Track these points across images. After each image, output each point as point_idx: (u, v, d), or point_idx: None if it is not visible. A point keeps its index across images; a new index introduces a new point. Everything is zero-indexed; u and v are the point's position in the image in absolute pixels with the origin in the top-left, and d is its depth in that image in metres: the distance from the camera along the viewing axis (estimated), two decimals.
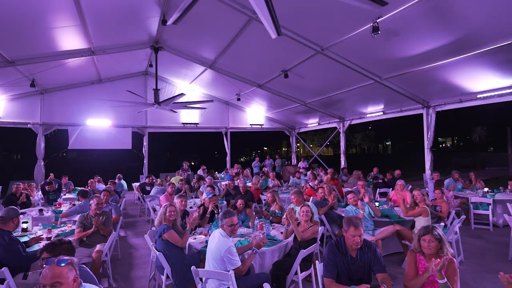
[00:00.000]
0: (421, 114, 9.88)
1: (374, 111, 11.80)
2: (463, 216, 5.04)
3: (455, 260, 2.57)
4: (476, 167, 24.10)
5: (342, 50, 7.42)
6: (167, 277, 3.43)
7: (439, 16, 5.50)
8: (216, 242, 3.10)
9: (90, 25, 7.16)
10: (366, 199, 4.81)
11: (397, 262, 4.84)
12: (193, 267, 2.95)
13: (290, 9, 5.94)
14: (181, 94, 8.50)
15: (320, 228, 4.14)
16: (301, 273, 3.42)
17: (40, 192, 8.41)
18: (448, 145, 57.24)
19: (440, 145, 55.07)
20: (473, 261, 4.91)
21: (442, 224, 4.84)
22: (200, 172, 12.00)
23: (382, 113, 11.48)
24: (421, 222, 4.63)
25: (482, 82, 7.62)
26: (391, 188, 7.95)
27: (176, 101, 8.87)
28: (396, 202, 6.04)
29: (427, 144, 9.68)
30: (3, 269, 2.91)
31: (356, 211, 4.68)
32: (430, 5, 5.16)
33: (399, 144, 55.41)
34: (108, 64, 10.55)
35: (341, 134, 13.72)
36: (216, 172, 12.71)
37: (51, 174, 9.93)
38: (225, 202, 6.64)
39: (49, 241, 2.58)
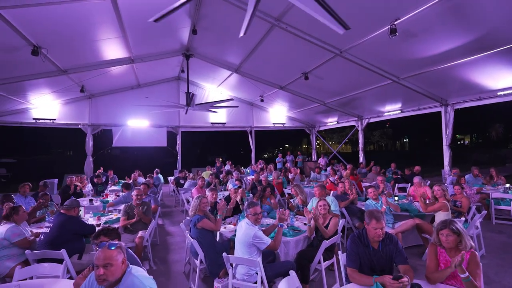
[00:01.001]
0: (439, 112, 9.40)
1: (391, 110, 11.35)
2: (484, 211, 4.72)
3: (477, 253, 2.41)
4: (496, 164, 22.52)
5: (360, 52, 7.18)
6: (201, 261, 3.50)
7: (457, 16, 5.17)
8: (243, 231, 3.13)
9: (130, 37, 7.41)
10: (383, 199, 4.61)
11: (416, 254, 4.64)
12: (224, 254, 2.99)
13: (310, 15, 5.82)
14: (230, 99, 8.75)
15: (341, 220, 4.06)
16: (324, 262, 3.36)
17: (90, 184, 8.85)
18: (466, 142, 53.99)
19: (458, 142, 52.05)
20: (495, 255, 4.60)
21: (463, 219, 4.58)
22: (227, 167, 12.15)
23: (399, 111, 11.02)
24: (441, 217, 4.40)
25: (502, 80, 7.10)
26: (409, 184, 7.63)
27: (214, 105, 9.03)
28: (415, 197, 5.79)
29: (445, 141, 9.18)
30: (61, 250, 3.10)
31: (376, 206, 4.53)
32: (448, 5, 4.86)
33: (416, 141, 52.97)
34: (146, 71, 10.90)
35: (359, 132, 13.32)
36: (242, 168, 12.80)
37: (100, 168, 10.46)
38: (251, 195, 6.66)
39: (101, 228, 2.72)
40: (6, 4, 4.73)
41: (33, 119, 11.56)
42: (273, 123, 15.63)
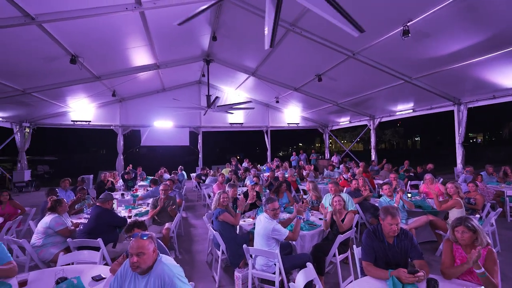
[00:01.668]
0: (452, 111, 8.98)
1: (403, 109, 10.96)
2: (500, 209, 4.47)
3: (494, 250, 2.28)
4: (510, 162, 21.21)
5: (372, 54, 6.99)
6: (222, 252, 3.54)
7: (471, 15, 4.90)
8: (262, 225, 3.12)
9: (156, 45, 7.59)
10: (397, 197, 4.46)
11: (430, 250, 4.46)
12: (244, 246, 3.01)
13: (324, 19, 5.72)
14: (248, 102, 8.86)
15: (355, 216, 3.97)
16: (338, 255, 3.30)
17: (121, 180, 9.15)
18: (479, 140, 51.27)
19: (471, 140, 49.52)
20: (511, 252, 4.35)
21: (478, 216, 4.35)
22: (245, 164, 12.19)
23: (411, 110, 10.63)
24: (454, 214, 4.21)
25: None
26: (422, 181, 7.34)
27: (233, 106, 9.11)
28: (428, 194, 5.56)
29: (458, 139, 8.78)
30: (98, 239, 3.22)
31: (390, 203, 4.40)
32: (462, 5, 4.63)
33: (427, 140, 50.90)
34: (170, 75, 11.14)
35: (371, 131, 12.97)
36: (259, 165, 12.80)
37: (130, 165, 10.77)
38: (268, 191, 6.65)
39: (133, 221, 2.81)
40: (49, 18, 4.96)
41: (72, 121, 12.12)
42: (288, 123, 15.54)
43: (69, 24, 5.38)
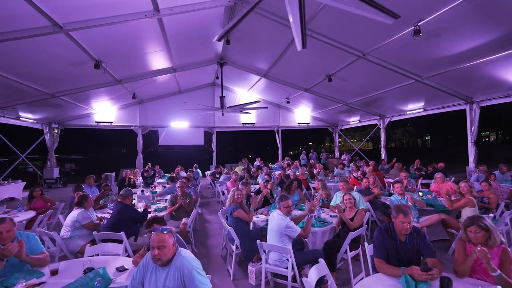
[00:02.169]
0: (463, 110, 8.63)
1: (414, 108, 10.63)
2: None
3: (509, 249, 2.17)
4: None
5: (383, 54, 6.81)
6: (237, 247, 3.56)
7: (483, 13, 4.68)
8: (275, 221, 3.11)
9: (172, 49, 7.70)
10: (409, 196, 4.34)
11: (442, 248, 4.31)
12: (258, 241, 3.01)
13: (334, 20, 5.63)
14: (257, 101, 8.88)
15: (366, 214, 3.90)
16: (350, 252, 3.25)
17: (141, 177, 9.36)
18: (492, 139, 49.09)
19: (484, 139, 47.45)
20: None
21: (491, 215, 4.17)
22: (257, 163, 12.20)
23: (422, 110, 10.29)
24: (467, 213, 4.05)
25: None
26: (433, 180, 7.11)
27: (244, 107, 9.13)
28: (439, 193, 5.38)
29: (470, 138, 8.42)
30: (121, 232, 3.32)
31: (401, 201, 4.28)
32: (474, 4, 4.43)
33: (438, 139, 49.18)
34: (185, 78, 11.28)
35: (381, 130, 12.67)
36: (270, 163, 12.79)
37: (149, 163, 11.00)
38: (279, 188, 6.63)
39: (153, 217, 2.87)
40: (75, 26, 5.13)
41: (95, 122, 12.50)
42: (298, 123, 15.41)
43: (93, 32, 5.54)
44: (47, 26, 4.95)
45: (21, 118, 10.20)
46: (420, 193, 5.09)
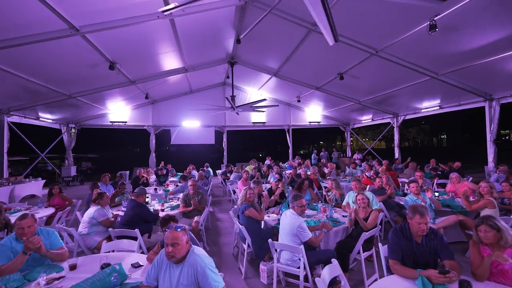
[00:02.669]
0: (482, 107, 8.30)
1: (429, 106, 10.30)
2: None
3: None
4: None
5: (396, 51, 6.64)
6: (248, 245, 3.56)
7: (504, 6, 4.47)
8: (288, 220, 3.10)
9: (184, 49, 7.80)
10: (428, 194, 4.22)
11: (459, 251, 4.16)
12: (270, 240, 3.00)
13: (346, 16, 5.53)
14: (263, 99, 8.93)
15: (380, 213, 3.82)
16: (363, 252, 3.19)
17: (154, 176, 9.53)
18: None
19: (504, 138, 45.43)
20: None
21: None
22: (267, 162, 12.17)
23: (438, 107, 9.97)
24: (487, 214, 3.88)
25: None
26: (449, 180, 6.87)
27: (253, 105, 9.14)
28: (456, 193, 5.19)
29: (489, 136, 8.09)
30: (135, 230, 3.39)
31: (416, 201, 4.16)
32: None
33: (455, 137, 47.44)
34: (197, 78, 11.40)
35: (394, 129, 12.37)
36: (281, 163, 12.72)
37: (162, 162, 11.18)
38: (290, 188, 6.59)
39: (168, 216, 2.92)
40: (91, 29, 5.28)
41: (110, 122, 12.84)
42: (309, 122, 15.28)
43: (108, 34, 5.68)
44: (65, 29, 5.11)
45: (40, 119, 10.60)
46: (436, 193, 4.94)
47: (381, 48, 6.61)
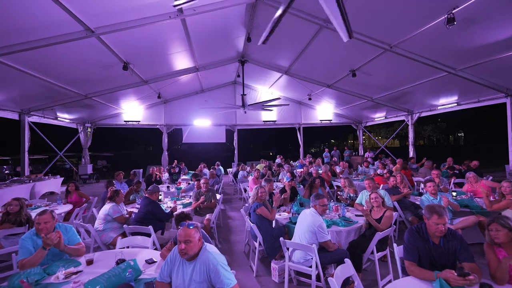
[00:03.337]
0: (503, 103, 7.92)
1: (446, 103, 9.93)
2: None
3: None
4: None
5: (412, 46, 6.41)
6: (259, 244, 3.56)
7: None
8: (309, 218, 3.05)
9: (195, 49, 7.85)
10: (444, 201, 4.03)
11: (478, 253, 3.99)
12: (281, 239, 2.99)
13: (359, 11, 5.39)
14: (277, 98, 8.89)
15: (394, 213, 3.72)
16: (377, 253, 3.12)
17: (167, 174, 9.68)
18: None
19: None
20: None
21: None
22: (278, 160, 12.13)
23: (455, 104, 9.59)
24: (508, 215, 3.70)
25: None
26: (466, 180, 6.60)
27: (265, 104, 9.11)
28: (476, 193, 4.98)
29: (511, 135, 7.71)
30: (149, 226, 3.45)
31: (433, 201, 4.02)
32: None
33: (473, 135, 45.55)
34: (208, 77, 11.47)
35: (409, 127, 12.01)
36: (291, 161, 12.66)
37: (175, 161, 11.34)
38: (302, 186, 6.54)
39: (184, 214, 2.97)
40: (105, 30, 5.40)
41: (124, 121, 13.14)
42: (320, 120, 15.09)
43: (121, 35, 5.79)
44: (80, 31, 5.26)
45: (58, 118, 10.98)
46: (454, 193, 4.76)
47: (395, 43, 6.42)
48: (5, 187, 7.19)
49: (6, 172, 12.54)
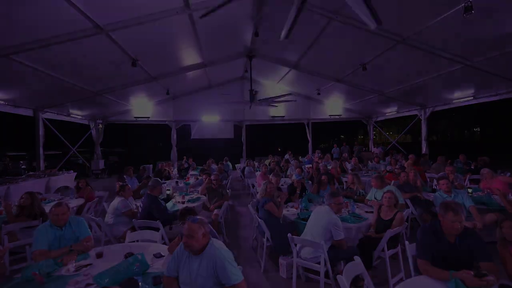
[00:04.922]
0: None
1: (462, 97, 9.52)
2: None
3: None
4: None
5: (425, 37, 6.13)
6: (267, 239, 3.53)
7: None
8: (324, 215, 3.00)
9: (203, 45, 7.81)
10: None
11: (496, 252, 3.83)
12: (289, 235, 2.95)
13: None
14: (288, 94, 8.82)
15: (405, 211, 3.62)
16: (387, 250, 3.04)
17: (176, 169, 9.77)
18: None
19: None
20: None
21: None
22: (286, 156, 12.05)
23: (472, 97, 9.19)
24: None
25: None
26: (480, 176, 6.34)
27: (275, 100, 9.03)
28: (492, 190, 4.76)
29: None
30: (157, 221, 3.48)
31: (446, 199, 3.88)
32: None
33: (490, 130, 43.79)
34: (215, 73, 11.43)
35: (422, 121, 11.64)
36: (300, 157, 12.55)
37: (185, 157, 11.43)
38: (310, 182, 6.46)
39: (188, 209, 2.96)
40: (114, 27, 5.43)
41: (134, 117, 13.31)
42: (330, 115, 14.83)
43: (129, 31, 5.80)
44: (89, 28, 5.29)
45: (71, 115, 11.22)
46: (469, 190, 4.59)
47: (408, 35, 6.18)
48: (22, 181, 7.42)
49: (23, 167, 12.95)
